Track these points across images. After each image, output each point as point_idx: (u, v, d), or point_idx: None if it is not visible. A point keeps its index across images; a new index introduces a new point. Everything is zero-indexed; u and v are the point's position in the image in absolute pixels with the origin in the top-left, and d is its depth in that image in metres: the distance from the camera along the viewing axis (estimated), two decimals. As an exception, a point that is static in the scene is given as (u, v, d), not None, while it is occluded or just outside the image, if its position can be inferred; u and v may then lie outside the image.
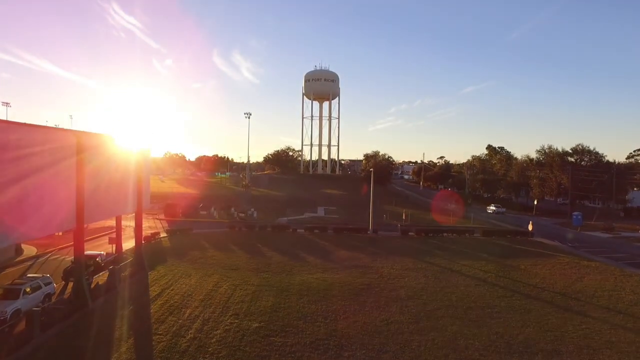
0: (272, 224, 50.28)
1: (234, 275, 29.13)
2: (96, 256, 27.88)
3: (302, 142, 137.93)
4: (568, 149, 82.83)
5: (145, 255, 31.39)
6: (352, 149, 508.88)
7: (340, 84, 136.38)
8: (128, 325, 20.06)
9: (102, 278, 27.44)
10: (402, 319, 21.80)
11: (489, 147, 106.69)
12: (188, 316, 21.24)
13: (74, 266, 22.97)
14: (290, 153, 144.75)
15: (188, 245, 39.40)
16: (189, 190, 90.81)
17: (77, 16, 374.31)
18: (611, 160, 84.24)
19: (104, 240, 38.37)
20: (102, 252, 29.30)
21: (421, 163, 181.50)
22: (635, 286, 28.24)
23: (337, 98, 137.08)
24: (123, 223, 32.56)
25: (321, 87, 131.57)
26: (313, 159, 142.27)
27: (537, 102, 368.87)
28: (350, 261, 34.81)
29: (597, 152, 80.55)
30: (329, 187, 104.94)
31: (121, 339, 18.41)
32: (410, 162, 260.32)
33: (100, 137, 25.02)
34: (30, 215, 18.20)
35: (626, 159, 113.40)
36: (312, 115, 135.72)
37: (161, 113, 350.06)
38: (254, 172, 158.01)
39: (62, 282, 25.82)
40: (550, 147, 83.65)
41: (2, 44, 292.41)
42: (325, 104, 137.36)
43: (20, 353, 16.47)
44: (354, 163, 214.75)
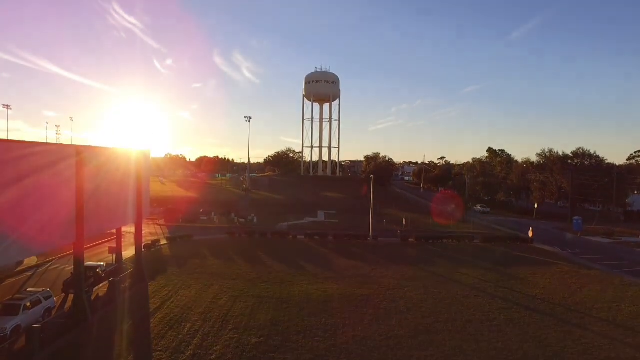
0: (272, 230, 50.35)
1: (234, 286, 29.16)
2: (96, 267, 27.88)
3: (303, 144, 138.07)
4: (569, 152, 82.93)
5: (145, 264, 31.48)
6: (353, 149, 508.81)
7: (340, 85, 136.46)
8: (128, 341, 20.13)
9: (102, 289, 27.55)
10: (402, 332, 21.83)
11: (490, 150, 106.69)
12: (188, 331, 21.29)
13: (74, 279, 23.00)
14: (291, 155, 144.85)
15: (188, 253, 39.44)
16: (189, 194, 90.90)
17: (78, 16, 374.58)
18: (611, 162, 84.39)
19: (104, 248, 38.36)
20: (102, 264, 29.31)
21: (422, 164, 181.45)
22: (635, 297, 28.25)
23: (338, 100, 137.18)
24: (123, 229, 32.62)
25: (321, 89, 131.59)
26: (314, 160, 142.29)
27: (538, 102, 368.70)
28: (350, 270, 34.83)
29: (597, 156, 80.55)
30: (329, 190, 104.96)
31: (121, 356, 18.47)
32: (411, 163, 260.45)
33: (99, 150, 25.06)
34: (30, 232, 18.26)
35: (627, 160, 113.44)
36: (313, 117, 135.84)
37: (162, 113, 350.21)
38: (254, 173, 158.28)
39: (62, 293, 25.88)
40: (550, 151, 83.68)
41: (2, 43, 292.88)
42: (326, 106, 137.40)
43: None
44: (354, 164, 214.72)
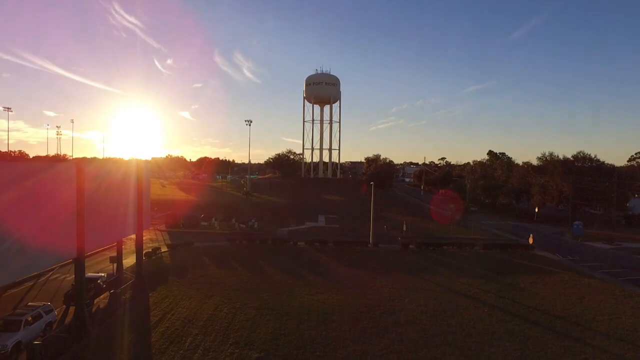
0: (273, 236, 50.42)
1: (235, 297, 29.18)
2: (97, 278, 27.92)
3: (304, 146, 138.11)
4: (569, 153, 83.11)
5: (146, 273, 31.54)
6: (353, 150, 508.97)
7: (341, 86, 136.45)
8: (129, 357, 20.18)
9: (103, 301, 27.62)
10: (401, 347, 21.84)
11: (490, 153, 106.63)
12: (189, 345, 21.32)
13: (75, 293, 23.03)
14: (292, 157, 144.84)
15: (189, 261, 39.49)
16: (190, 197, 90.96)
17: (78, 16, 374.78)
18: (611, 163, 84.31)
19: (105, 256, 38.37)
20: (102, 275, 29.34)
21: (422, 165, 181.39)
22: (635, 309, 28.24)
23: (338, 102, 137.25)
24: (124, 237, 32.62)
25: (322, 91, 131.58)
26: (314, 160, 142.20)
27: (539, 102, 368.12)
28: (350, 279, 34.84)
29: (598, 160, 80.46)
30: (329, 192, 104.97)
31: (121, 373, 18.51)
32: (412, 164, 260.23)
33: (99, 164, 25.11)
34: (32, 250, 18.33)
35: (628, 161, 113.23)
36: (313, 119, 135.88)
37: (162, 113, 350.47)
38: (255, 175, 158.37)
39: (63, 305, 25.92)
40: (551, 154, 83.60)
41: (2, 43, 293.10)
42: (326, 108, 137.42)
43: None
44: (354, 165, 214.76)
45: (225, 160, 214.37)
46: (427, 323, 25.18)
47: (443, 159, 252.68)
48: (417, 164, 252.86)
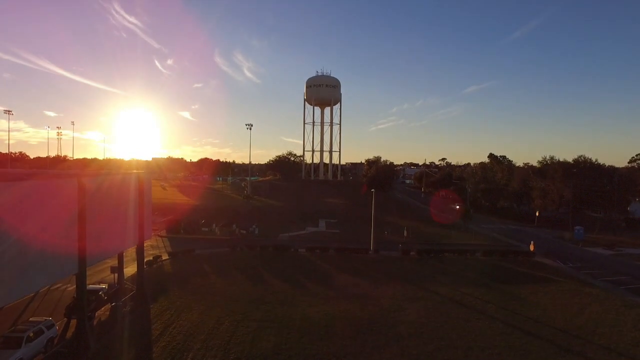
0: (274, 243, 50.46)
1: (236, 309, 29.15)
2: (98, 290, 27.91)
3: (304, 148, 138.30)
4: (569, 153, 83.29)
5: (147, 283, 31.53)
6: (354, 150, 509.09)
7: (342, 86, 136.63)
8: (130, 374, 20.20)
9: (104, 313, 27.65)
10: (403, 362, 21.84)
11: (491, 156, 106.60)
12: (190, 361, 21.34)
13: (76, 308, 23.05)
14: (292, 159, 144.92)
15: (190, 269, 39.52)
16: (191, 200, 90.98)
17: (79, 16, 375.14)
18: (611, 165, 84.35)
19: (105, 264, 38.33)
20: (103, 286, 29.38)
21: (423, 166, 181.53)
22: (637, 321, 28.19)
23: (339, 104, 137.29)
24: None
25: (323, 93, 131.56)
26: (315, 161, 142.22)
27: (539, 102, 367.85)
28: (351, 288, 34.85)
29: (599, 163, 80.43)
30: (330, 195, 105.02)
31: (123, 392, 18.53)
32: (412, 165, 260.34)
33: (101, 177, 25.15)
34: (32, 268, 18.36)
35: (628, 163, 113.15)
36: (314, 121, 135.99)
37: (162, 113, 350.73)
38: (256, 176, 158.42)
39: (65, 318, 25.93)
40: (552, 158, 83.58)
41: (3, 44, 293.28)
42: (327, 110, 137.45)
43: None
44: (355, 166, 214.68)
45: (226, 162, 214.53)
46: (427, 337, 25.15)
47: (443, 159, 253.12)
48: (417, 165, 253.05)
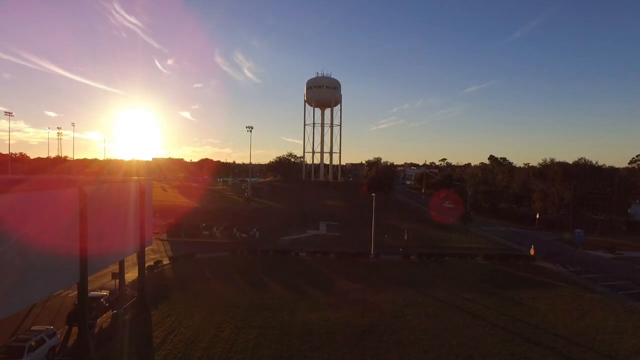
0: (274, 247, 50.51)
1: (237, 315, 29.21)
2: (99, 297, 28.02)
3: (304, 149, 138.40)
4: (570, 159, 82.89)
5: (148, 288, 31.53)
6: (354, 150, 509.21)
7: (342, 87, 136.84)
8: (132, 383, 20.25)
9: (105, 321, 27.71)
10: (403, 371, 21.89)
11: (491, 158, 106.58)
12: (191, 370, 21.41)
13: (78, 317, 23.09)
14: (293, 159, 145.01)
15: (191, 274, 39.59)
16: (191, 202, 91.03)
17: (79, 16, 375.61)
18: (612, 165, 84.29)
19: (106, 270, 38.38)
20: (105, 293, 29.45)
21: (423, 167, 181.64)
22: (637, 327, 28.22)
23: (339, 105, 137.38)
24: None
25: (323, 95, 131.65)
26: (315, 162, 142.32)
27: (539, 102, 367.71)
28: (351, 294, 34.89)
29: (599, 165, 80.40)
30: (330, 196, 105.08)
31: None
32: (413, 165, 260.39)
33: (102, 186, 25.21)
34: (34, 280, 18.41)
35: (629, 163, 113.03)
36: (314, 122, 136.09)
37: (163, 113, 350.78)
38: (256, 177, 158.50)
39: (66, 325, 26.01)
40: (552, 160, 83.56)
41: (3, 44, 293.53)
42: (327, 111, 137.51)
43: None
44: (355, 167, 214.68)
45: (226, 162, 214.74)
46: (428, 344, 25.20)
47: (444, 159, 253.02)
48: (418, 165, 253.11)
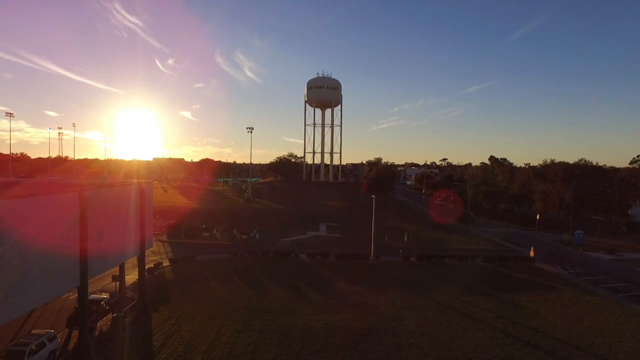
0: (274, 249, 50.59)
1: (237, 318, 29.28)
2: (100, 300, 28.10)
3: (305, 150, 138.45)
4: (570, 160, 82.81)
5: (148, 291, 31.61)
6: (355, 150, 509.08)
7: (342, 87, 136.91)
8: (132, 388, 20.32)
9: (105, 324, 27.79)
10: (403, 375, 21.94)
11: (492, 158, 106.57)
12: (191, 374, 21.47)
13: (78, 320, 23.18)
14: (293, 160, 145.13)
15: (191, 276, 39.67)
16: (191, 203, 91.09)
17: (79, 16, 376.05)
18: (612, 165, 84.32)
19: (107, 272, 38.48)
20: (105, 296, 29.55)
21: (424, 167, 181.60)
22: (636, 330, 28.26)
23: (340, 105, 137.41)
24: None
25: (323, 95, 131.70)
26: (316, 162, 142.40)
27: (539, 102, 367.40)
28: (352, 296, 34.93)
29: (599, 166, 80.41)
30: (331, 196, 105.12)
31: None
32: (413, 165, 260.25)
33: (102, 190, 25.30)
34: (34, 283, 18.50)
35: (629, 163, 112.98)
36: (315, 123, 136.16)
37: (163, 112, 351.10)
38: (257, 177, 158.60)
39: (66, 329, 26.08)
40: (552, 161, 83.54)
41: (4, 44, 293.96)
42: (328, 111, 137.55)
43: None
44: (356, 167, 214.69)
45: (227, 162, 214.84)
46: (427, 347, 25.25)
47: (444, 159, 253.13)
48: (418, 165, 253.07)
